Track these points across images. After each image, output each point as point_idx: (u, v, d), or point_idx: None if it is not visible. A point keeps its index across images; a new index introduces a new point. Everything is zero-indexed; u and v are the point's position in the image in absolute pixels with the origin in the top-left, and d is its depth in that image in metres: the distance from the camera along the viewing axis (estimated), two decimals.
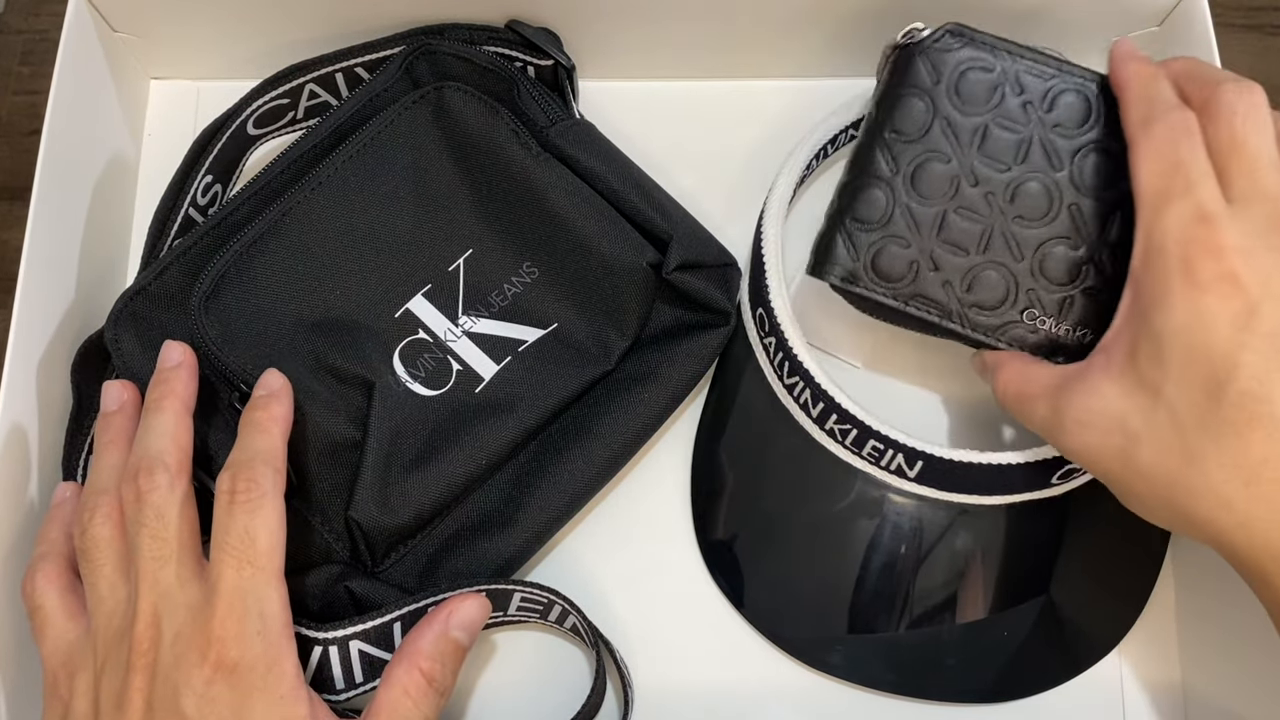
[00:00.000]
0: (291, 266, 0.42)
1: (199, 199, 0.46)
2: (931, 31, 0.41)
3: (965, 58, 0.41)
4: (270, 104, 0.47)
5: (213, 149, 0.46)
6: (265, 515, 0.35)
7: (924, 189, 0.41)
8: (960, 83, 0.41)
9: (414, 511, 0.41)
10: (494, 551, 0.42)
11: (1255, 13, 0.56)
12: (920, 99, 0.41)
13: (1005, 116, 0.41)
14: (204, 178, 0.46)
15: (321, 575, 0.40)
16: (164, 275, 0.42)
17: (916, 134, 0.41)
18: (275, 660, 0.33)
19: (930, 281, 0.41)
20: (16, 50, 0.55)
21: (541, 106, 0.46)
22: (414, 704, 0.35)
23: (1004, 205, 0.41)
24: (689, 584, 0.46)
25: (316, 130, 0.45)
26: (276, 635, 0.34)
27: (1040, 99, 0.41)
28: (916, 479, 0.42)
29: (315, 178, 0.44)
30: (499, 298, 0.44)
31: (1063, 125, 0.41)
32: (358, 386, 0.42)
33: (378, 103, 0.45)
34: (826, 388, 0.42)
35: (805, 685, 0.45)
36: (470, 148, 0.45)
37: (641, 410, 0.44)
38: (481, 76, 0.46)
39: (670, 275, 0.43)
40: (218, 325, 0.41)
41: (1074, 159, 0.40)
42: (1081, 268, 0.40)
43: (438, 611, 0.37)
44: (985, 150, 0.41)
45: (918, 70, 0.41)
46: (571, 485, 0.43)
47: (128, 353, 0.41)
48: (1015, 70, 0.41)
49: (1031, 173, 0.41)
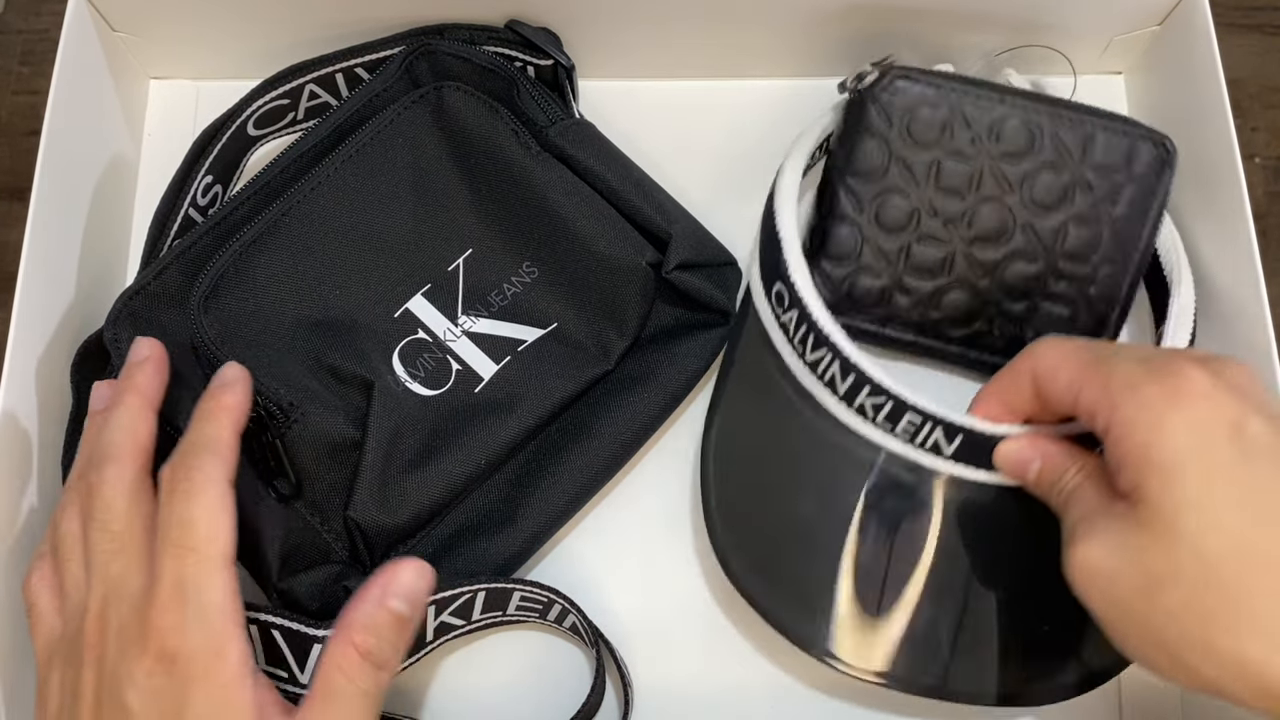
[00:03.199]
0: (291, 266, 0.42)
1: (199, 199, 0.46)
2: (879, 76, 0.44)
3: (913, 98, 0.43)
4: (270, 104, 0.47)
5: (213, 149, 0.46)
6: (205, 501, 0.34)
7: (887, 223, 0.44)
8: (911, 124, 0.43)
9: (413, 511, 0.41)
10: (493, 551, 0.42)
11: (1255, 13, 0.56)
12: (875, 141, 0.44)
13: (955, 150, 0.43)
14: (204, 178, 0.46)
15: (320, 574, 0.40)
16: (164, 275, 0.42)
17: (875, 174, 0.44)
18: (218, 648, 0.32)
19: (903, 306, 0.44)
20: (16, 50, 0.55)
21: (541, 106, 0.46)
22: (348, 680, 0.33)
23: (963, 231, 0.44)
24: (691, 584, 0.46)
25: (316, 130, 0.45)
26: (219, 622, 0.33)
27: (987, 131, 0.43)
28: (954, 456, 0.42)
29: (315, 177, 0.44)
30: (498, 297, 0.44)
31: (1010, 153, 0.43)
32: (357, 386, 0.42)
33: (377, 103, 0.45)
34: (856, 360, 0.41)
35: (807, 686, 0.45)
36: (470, 147, 0.45)
37: (641, 410, 0.44)
38: (481, 76, 0.46)
39: (670, 274, 0.43)
40: (217, 325, 0.41)
41: (1023, 182, 0.43)
42: (1040, 279, 0.44)
43: (372, 581, 0.34)
44: (940, 183, 0.44)
45: (870, 115, 0.43)
46: (571, 485, 0.43)
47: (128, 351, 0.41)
48: (961, 105, 0.43)
49: (985, 199, 0.44)
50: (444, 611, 0.40)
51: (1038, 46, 0.50)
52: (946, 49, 0.50)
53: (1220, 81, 0.45)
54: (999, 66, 0.50)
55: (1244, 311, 0.43)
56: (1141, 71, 0.52)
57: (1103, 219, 0.44)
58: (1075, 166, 0.44)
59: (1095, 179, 0.44)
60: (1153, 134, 0.44)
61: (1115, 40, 0.50)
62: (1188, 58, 0.47)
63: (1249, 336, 0.43)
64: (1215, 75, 0.45)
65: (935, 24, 0.49)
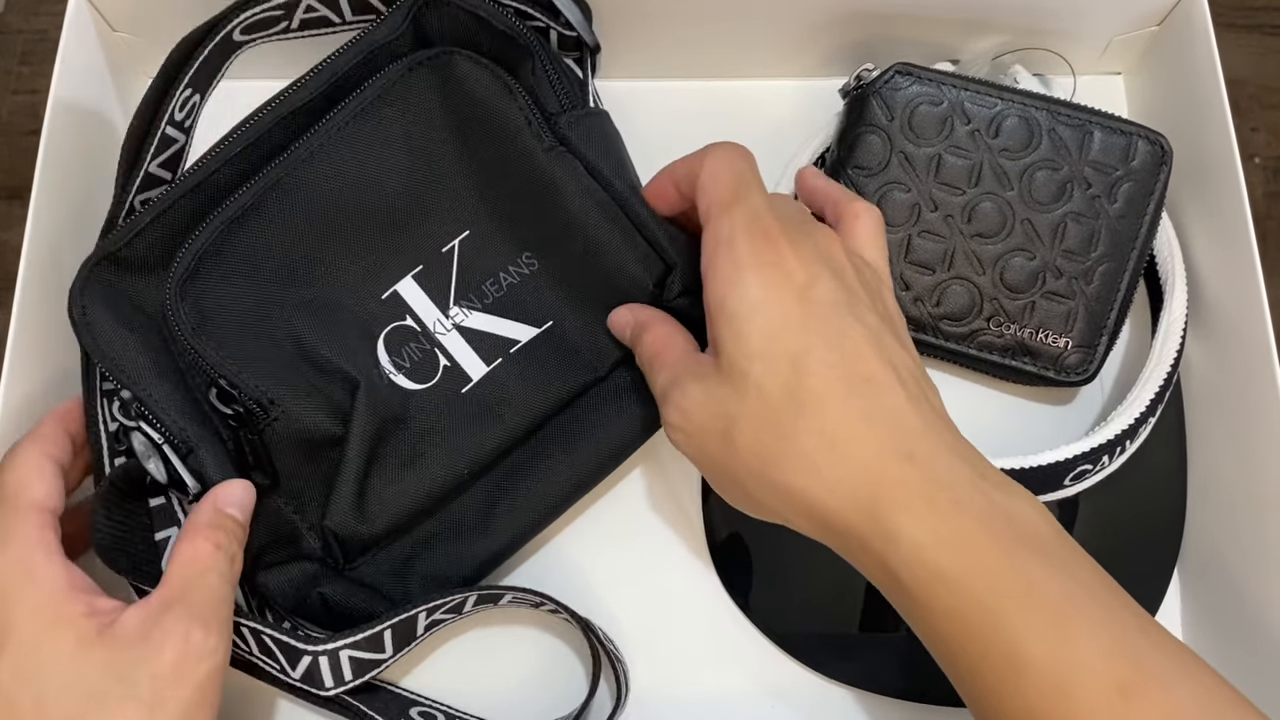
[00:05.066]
0: (276, 246, 0.40)
1: (176, 114, 0.43)
2: (881, 73, 0.45)
3: (915, 94, 0.45)
4: (262, 14, 0.43)
5: (195, 60, 0.43)
6: (15, 463, 0.37)
7: (889, 216, 0.45)
8: (912, 118, 0.45)
9: (390, 521, 0.40)
10: (469, 555, 0.41)
11: (1255, 13, 0.56)
12: (877, 135, 0.45)
13: (956, 145, 0.45)
14: (184, 91, 0.43)
15: (294, 572, 0.39)
16: (136, 240, 0.40)
17: (877, 168, 0.45)
18: (27, 572, 0.34)
19: (903, 301, 0.45)
20: (16, 50, 0.55)
21: (555, 89, 0.43)
22: (207, 567, 0.35)
23: (962, 225, 0.44)
24: (691, 585, 0.46)
25: (310, 83, 0.41)
26: (24, 552, 0.34)
27: (986, 126, 0.44)
28: None
29: (306, 145, 0.41)
30: (494, 288, 0.42)
31: (1009, 149, 0.44)
32: (339, 381, 0.40)
33: (379, 57, 0.42)
34: None
35: (807, 687, 0.45)
36: (477, 126, 0.42)
37: (630, 423, 0.42)
38: (495, 40, 0.42)
39: (673, 303, 0.41)
40: (195, 313, 0.39)
41: (1022, 178, 0.44)
42: (1039, 275, 0.44)
43: (203, 500, 0.37)
44: (941, 177, 0.44)
45: (872, 110, 0.45)
46: (552, 494, 0.41)
47: (99, 330, 0.38)
48: (961, 101, 0.45)
49: (985, 194, 0.44)
50: (435, 613, 0.40)
51: (1038, 49, 0.50)
52: (948, 51, 0.50)
53: (1219, 82, 0.45)
54: (1002, 67, 0.50)
55: (1244, 312, 0.43)
56: (1141, 72, 0.52)
57: (1100, 216, 0.44)
58: (1073, 163, 0.44)
59: (1093, 176, 0.44)
60: (1149, 132, 0.45)
61: (1115, 41, 0.50)
62: (1187, 58, 0.47)
63: (1249, 337, 0.43)
64: (1214, 75, 0.45)
65: (937, 27, 0.49)
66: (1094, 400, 0.48)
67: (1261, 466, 0.42)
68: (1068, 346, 0.44)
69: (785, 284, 0.34)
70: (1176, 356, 0.44)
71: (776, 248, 0.35)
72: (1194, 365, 0.47)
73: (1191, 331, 0.46)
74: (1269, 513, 0.42)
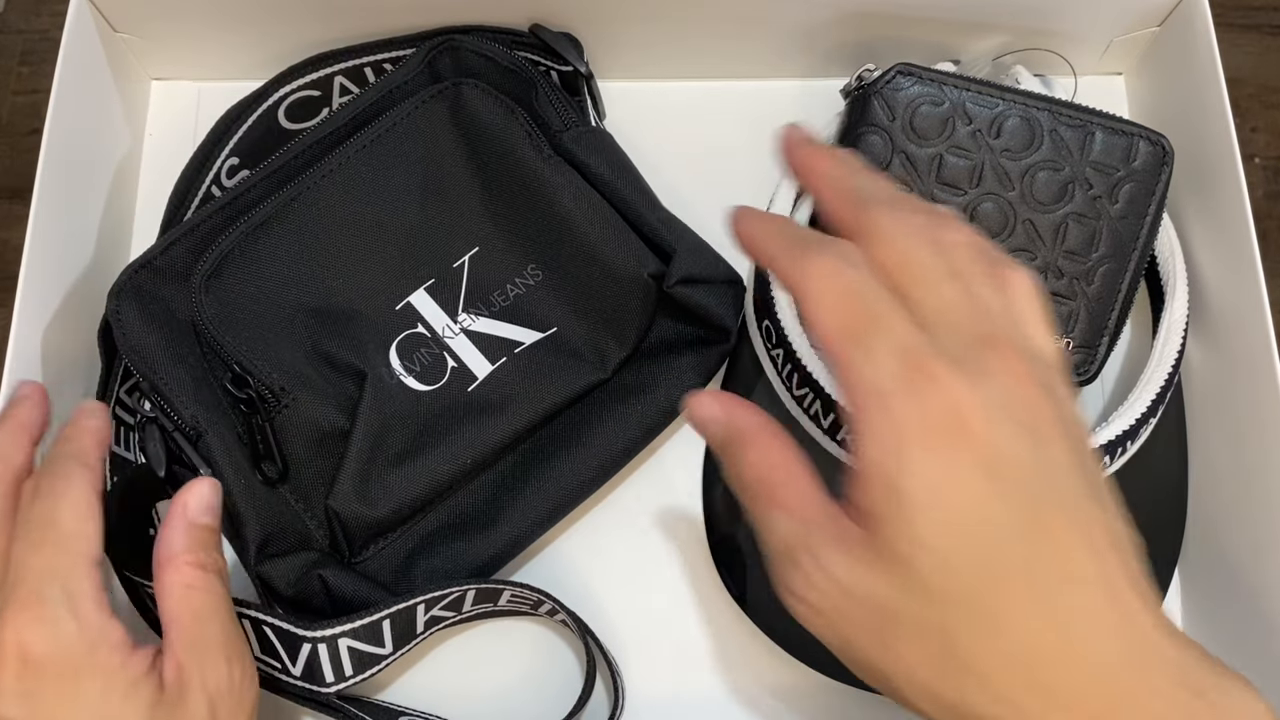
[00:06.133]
0: (296, 251, 0.43)
1: (224, 180, 0.46)
2: (883, 73, 0.45)
3: (916, 94, 0.45)
4: (302, 94, 0.47)
5: (237, 130, 0.46)
6: (69, 502, 0.33)
7: None
8: (914, 118, 0.44)
9: (394, 506, 0.41)
10: (472, 553, 0.42)
11: (1255, 13, 0.56)
12: (879, 135, 0.45)
13: (957, 145, 0.44)
14: (228, 159, 0.46)
15: (298, 561, 0.40)
16: (170, 250, 0.42)
17: (879, 167, 0.44)
18: (92, 643, 0.31)
19: None
20: (16, 50, 0.55)
21: (558, 110, 0.45)
22: (200, 592, 0.34)
23: None
24: (691, 585, 0.46)
25: (335, 117, 0.45)
26: (92, 616, 0.32)
27: (988, 126, 0.44)
28: None
29: (327, 164, 0.44)
30: (500, 297, 0.44)
31: (1010, 149, 0.44)
32: (351, 376, 0.42)
33: (397, 94, 0.45)
34: (838, 399, 0.42)
35: (807, 687, 0.45)
36: (484, 146, 0.44)
37: (634, 423, 0.44)
38: (502, 76, 0.46)
39: (672, 289, 0.42)
40: (216, 305, 0.41)
41: (1023, 178, 0.44)
42: (1040, 276, 0.44)
43: (172, 512, 0.34)
44: (942, 177, 0.44)
45: (874, 109, 0.45)
46: (556, 493, 0.43)
47: (129, 325, 0.41)
48: (963, 101, 0.45)
49: (986, 194, 0.44)
50: (434, 607, 0.40)
51: (1039, 50, 0.50)
52: (949, 52, 0.50)
53: (1220, 82, 0.45)
54: (1004, 68, 0.50)
55: (1244, 313, 0.43)
56: (1141, 72, 0.52)
57: (1101, 216, 0.44)
58: (1074, 164, 0.44)
59: (1094, 176, 0.44)
60: (1150, 133, 0.45)
61: (1115, 41, 0.50)
62: (1187, 58, 0.47)
63: (1249, 338, 0.43)
64: (1215, 76, 0.45)
65: (938, 28, 0.49)
66: (1095, 401, 0.48)
67: (1262, 467, 0.42)
68: (1069, 347, 0.44)
69: (965, 453, 0.27)
70: (1177, 357, 0.44)
71: (945, 392, 0.27)
72: (1195, 366, 0.47)
73: (1192, 332, 0.46)
74: (1270, 513, 0.42)
